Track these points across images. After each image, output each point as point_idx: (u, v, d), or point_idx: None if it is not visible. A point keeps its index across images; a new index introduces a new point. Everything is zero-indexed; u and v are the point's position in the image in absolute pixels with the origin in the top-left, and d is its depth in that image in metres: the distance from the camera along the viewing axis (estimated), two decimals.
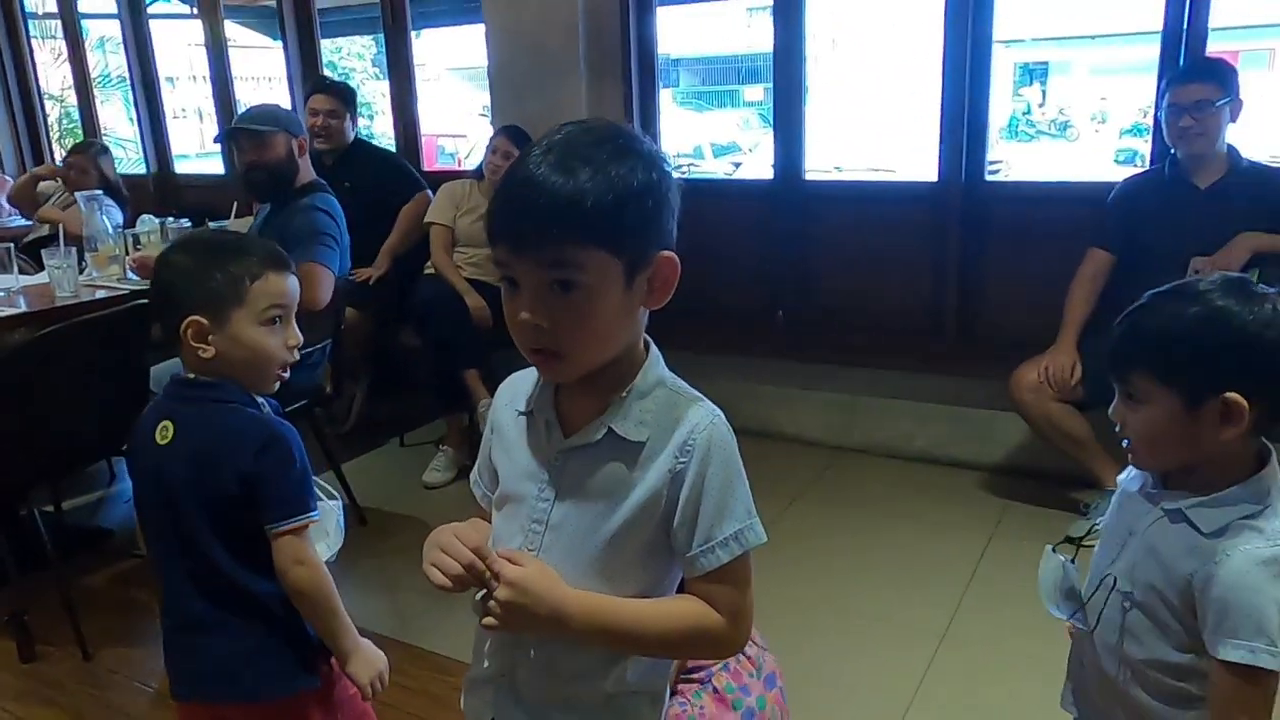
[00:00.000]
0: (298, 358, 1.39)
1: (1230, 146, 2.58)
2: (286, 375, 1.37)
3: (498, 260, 0.89)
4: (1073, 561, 1.19)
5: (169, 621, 1.35)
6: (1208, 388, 0.98)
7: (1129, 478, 1.16)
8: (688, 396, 0.94)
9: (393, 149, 4.30)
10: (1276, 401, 0.98)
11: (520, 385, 1.02)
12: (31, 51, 5.45)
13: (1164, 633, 1.06)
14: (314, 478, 1.32)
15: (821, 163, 5.14)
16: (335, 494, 1.45)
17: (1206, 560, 1.00)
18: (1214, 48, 2.87)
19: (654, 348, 0.96)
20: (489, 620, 0.91)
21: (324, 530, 1.35)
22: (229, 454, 1.24)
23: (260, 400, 1.33)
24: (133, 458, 1.36)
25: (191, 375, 1.31)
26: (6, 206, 4.78)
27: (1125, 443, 1.09)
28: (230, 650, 1.29)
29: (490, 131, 3.57)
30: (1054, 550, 1.22)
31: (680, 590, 0.96)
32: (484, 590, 0.90)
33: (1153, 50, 2.89)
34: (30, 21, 5.46)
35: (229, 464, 1.24)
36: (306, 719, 1.34)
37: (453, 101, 11.70)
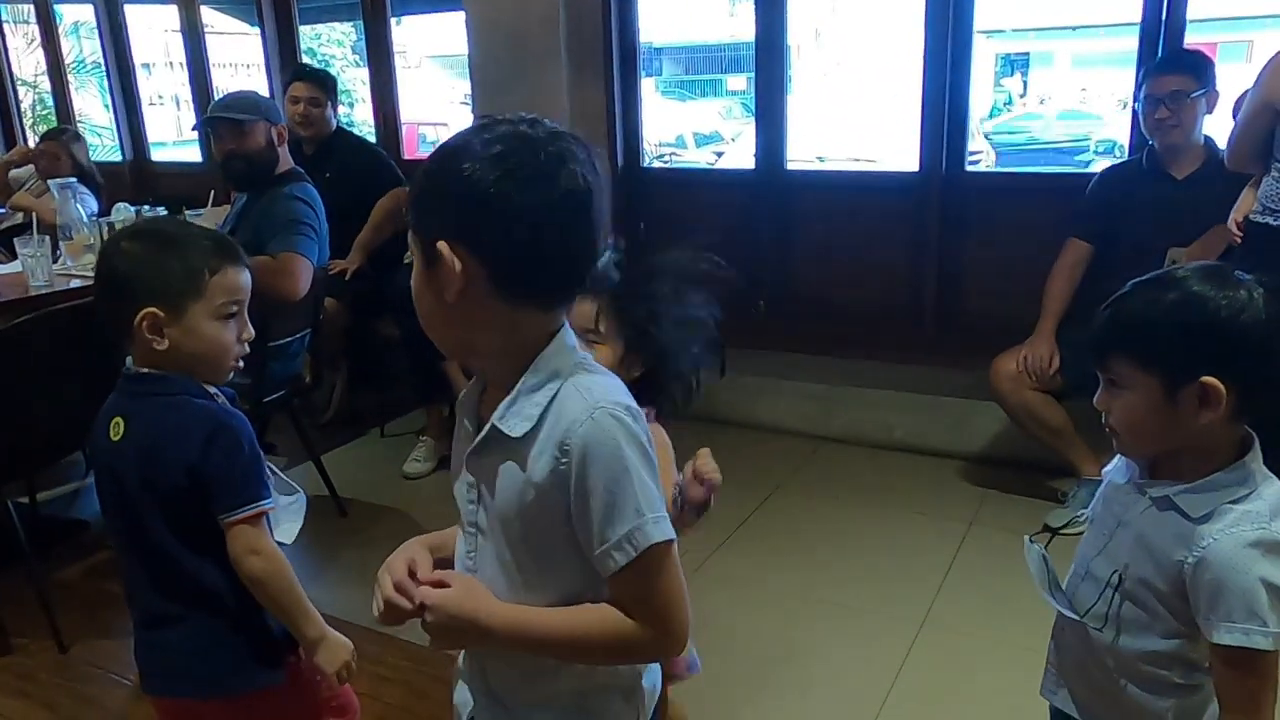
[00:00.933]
0: (248, 350, 1.38)
1: (1207, 138, 2.60)
2: (241, 367, 1.36)
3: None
4: (1046, 548, 1.20)
5: (134, 616, 1.34)
6: (1185, 372, 0.99)
7: (1115, 469, 1.17)
8: (579, 388, 0.87)
9: (373, 137, 4.27)
10: (1253, 386, 0.99)
11: (472, 390, 0.99)
12: (4, 37, 5.38)
13: (1153, 621, 1.08)
14: (279, 472, 1.30)
15: (803, 152, 5.13)
16: (298, 488, 1.44)
17: (1195, 545, 1.01)
18: (1192, 40, 2.89)
19: (562, 337, 0.91)
20: (430, 642, 0.93)
21: (279, 520, 1.33)
22: (175, 447, 1.23)
23: (213, 390, 1.31)
24: (93, 455, 1.35)
25: (142, 370, 1.28)
26: None
27: (1110, 430, 1.10)
28: (189, 645, 1.28)
29: (470, 121, 3.55)
30: (1031, 541, 1.23)
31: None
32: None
33: (1132, 42, 2.91)
34: (2, 6, 5.37)
35: (176, 457, 1.23)
36: (279, 711, 1.33)
37: (434, 89, 11.62)
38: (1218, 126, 2.62)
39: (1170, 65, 2.58)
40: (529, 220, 0.83)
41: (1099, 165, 3.04)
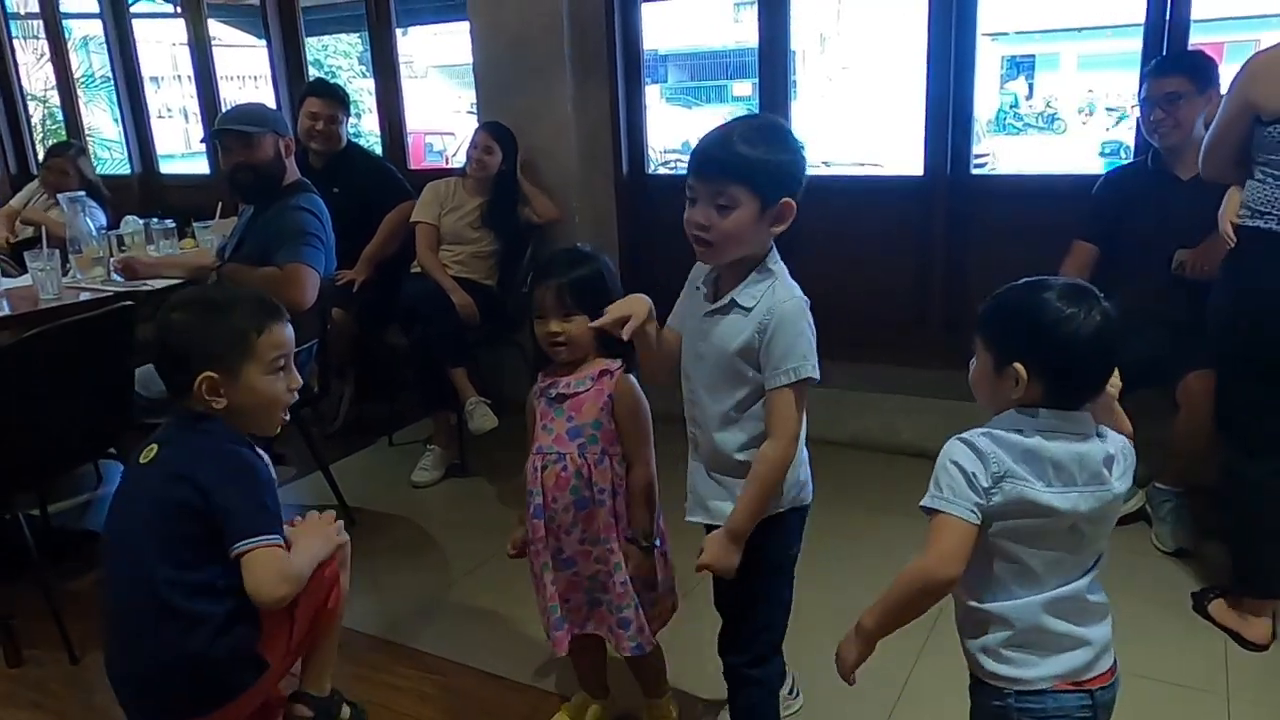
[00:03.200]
0: (297, 398, 1.53)
1: None
2: (287, 418, 1.49)
3: (688, 184, 1.45)
4: None
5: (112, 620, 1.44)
6: (1005, 354, 1.23)
7: None
8: (782, 288, 1.47)
9: (379, 147, 4.29)
10: (1052, 380, 1.21)
11: (701, 269, 1.57)
12: (13, 52, 5.41)
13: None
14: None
15: (809, 157, 5.12)
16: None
17: None
18: (1198, 40, 2.88)
19: (774, 252, 1.50)
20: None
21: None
22: (197, 472, 1.32)
23: (256, 450, 1.41)
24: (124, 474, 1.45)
25: (193, 408, 1.39)
26: None
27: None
28: (168, 664, 1.35)
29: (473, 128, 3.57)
30: None
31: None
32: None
33: (1138, 43, 2.91)
34: (12, 22, 5.41)
35: (194, 480, 1.31)
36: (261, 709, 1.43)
37: (440, 99, 11.67)
38: None
39: (1167, 67, 2.57)
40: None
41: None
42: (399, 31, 4.24)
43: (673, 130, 10.35)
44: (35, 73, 5.79)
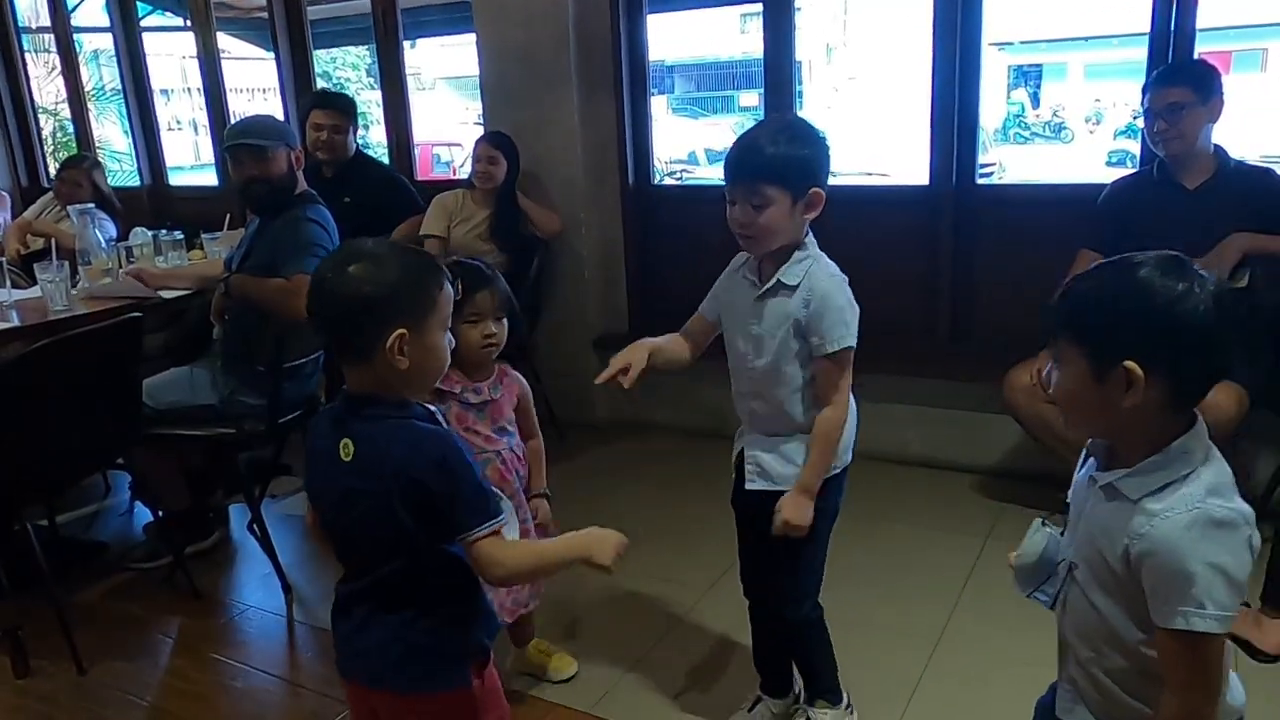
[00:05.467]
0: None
1: (1217, 147, 2.58)
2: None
3: (726, 189, 1.61)
4: (1062, 533, 1.22)
5: (343, 600, 1.37)
6: (1110, 353, 1.00)
7: (1086, 466, 1.18)
8: (821, 267, 1.64)
9: (387, 158, 4.31)
10: (1176, 376, 0.99)
11: (742, 258, 1.73)
12: (25, 65, 5.45)
13: (1116, 608, 1.08)
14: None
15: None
16: (500, 494, 1.50)
17: (1135, 529, 1.02)
18: (1204, 49, 2.88)
19: (810, 236, 1.66)
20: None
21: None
22: (409, 467, 1.25)
23: (432, 409, 1.33)
24: (314, 477, 1.35)
25: (368, 392, 1.29)
26: (3, 222, 4.78)
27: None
28: (401, 644, 1.32)
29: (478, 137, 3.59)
30: (1044, 524, 1.26)
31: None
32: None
33: (1144, 51, 2.90)
34: (24, 35, 5.46)
35: (409, 476, 1.25)
36: (467, 715, 1.37)
37: (447, 110, 11.72)
38: (1232, 136, 2.61)
39: (1168, 78, 2.57)
40: None
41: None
42: (406, 44, 4.27)
43: (679, 141, 10.38)
44: (46, 86, 5.84)
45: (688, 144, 10.43)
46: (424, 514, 1.26)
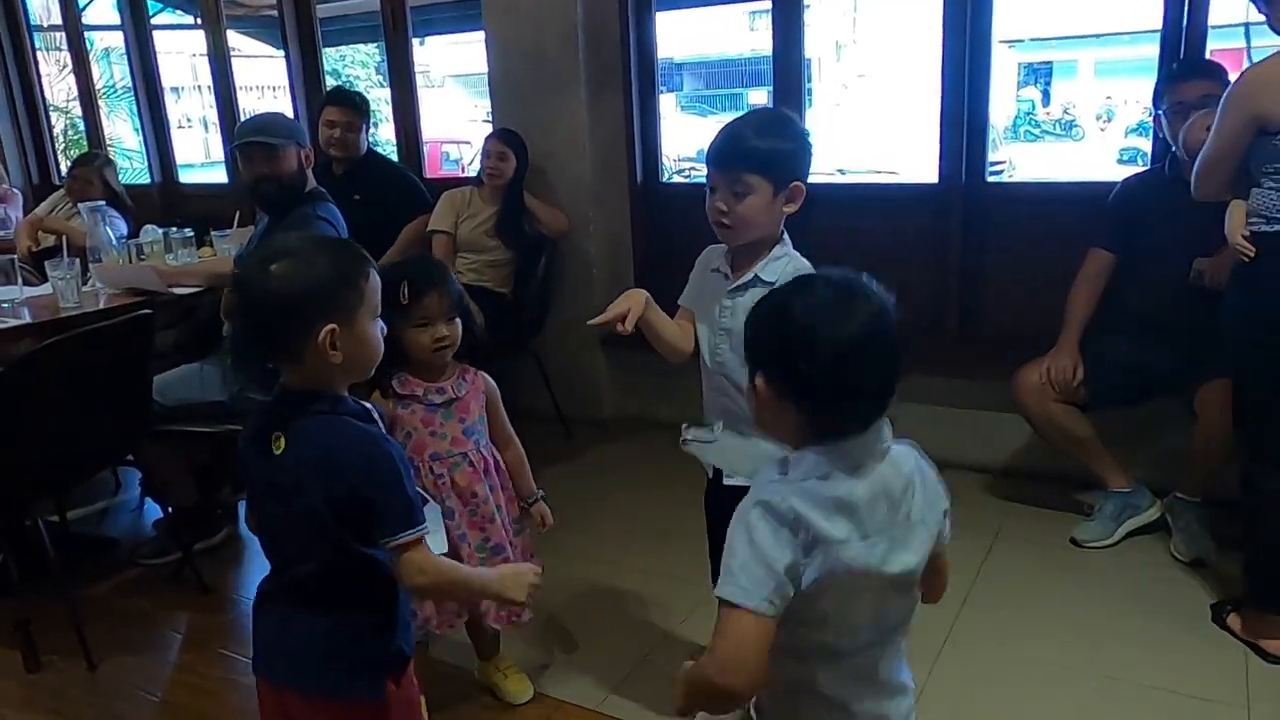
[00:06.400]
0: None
1: None
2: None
3: (708, 175, 1.61)
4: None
5: (263, 596, 1.37)
6: (752, 363, 1.09)
7: None
8: (801, 265, 1.62)
9: (396, 156, 4.32)
10: (806, 395, 1.03)
11: (713, 253, 1.72)
12: (36, 63, 5.48)
13: None
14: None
15: (823, 165, 5.12)
16: (427, 496, 1.48)
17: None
18: (1216, 46, 2.85)
19: (785, 235, 1.66)
20: None
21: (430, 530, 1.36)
22: (340, 466, 1.25)
23: (369, 407, 1.33)
24: (245, 469, 1.35)
25: (302, 387, 1.29)
26: (12, 218, 4.80)
27: None
28: (315, 646, 1.32)
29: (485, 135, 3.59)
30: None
31: None
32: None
33: (1155, 49, 2.89)
34: (35, 34, 5.49)
35: (340, 476, 1.25)
36: None
37: (456, 107, 11.72)
38: None
39: (1193, 71, 2.55)
40: None
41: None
42: (416, 41, 4.27)
43: (688, 139, 10.35)
44: (57, 84, 5.87)
45: (696, 142, 10.39)
46: (347, 513, 1.25)
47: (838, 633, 1.09)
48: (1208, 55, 2.81)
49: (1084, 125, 13.46)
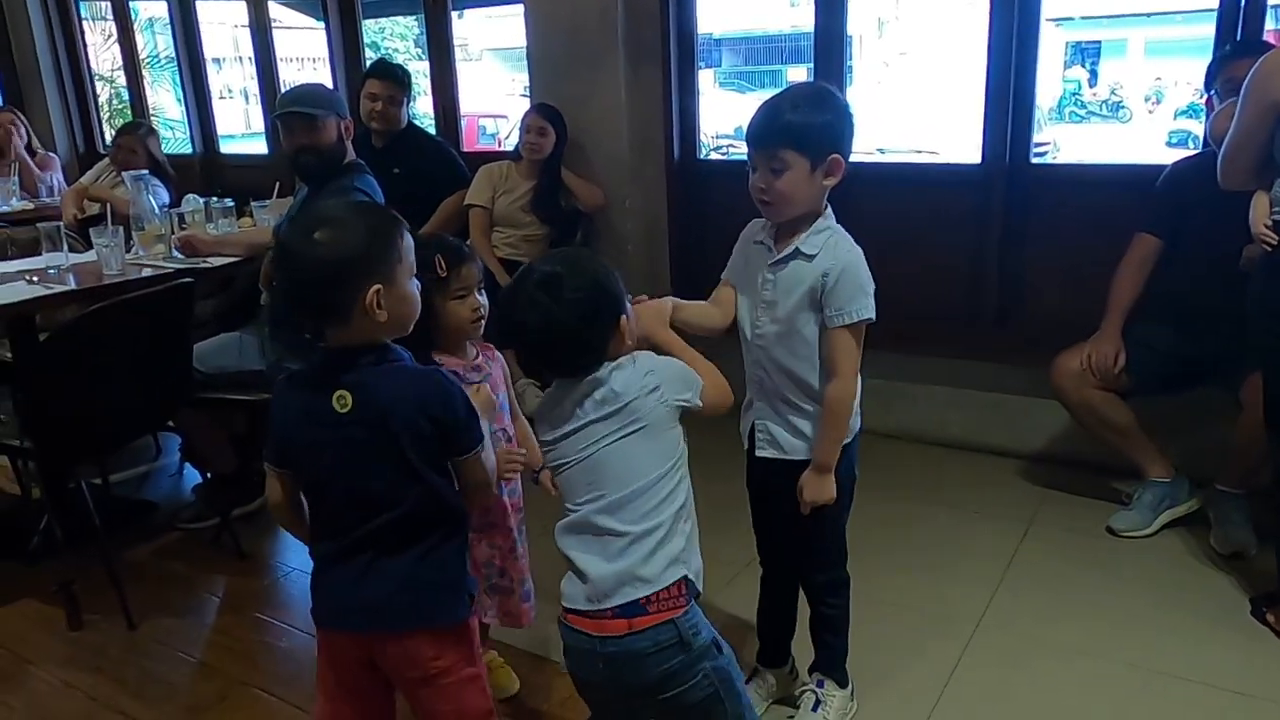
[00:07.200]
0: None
1: None
2: None
3: (748, 154, 1.63)
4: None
5: (329, 557, 1.40)
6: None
7: None
8: (842, 239, 1.63)
9: (433, 129, 4.32)
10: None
11: (757, 225, 1.72)
12: (83, 33, 5.55)
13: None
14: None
15: (864, 144, 5.05)
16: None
17: None
18: (1275, 28, 2.77)
19: (829, 209, 1.65)
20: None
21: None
22: (417, 403, 1.33)
23: (404, 354, 1.39)
24: (291, 436, 1.38)
25: (351, 345, 1.33)
26: (56, 185, 4.88)
27: None
28: (402, 582, 1.37)
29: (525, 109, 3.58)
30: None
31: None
32: None
33: (1210, 28, 2.81)
34: (81, 4, 5.55)
35: (420, 411, 1.33)
36: (469, 644, 1.44)
37: (493, 81, 11.71)
38: None
39: (1248, 50, 2.46)
40: None
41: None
42: (454, 14, 4.26)
43: (726, 115, 10.26)
44: (103, 54, 5.93)
45: (735, 119, 10.30)
46: (428, 445, 1.34)
47: None
48: (1266, 35, 2.72)
49: (1131, 107, 13.14)
